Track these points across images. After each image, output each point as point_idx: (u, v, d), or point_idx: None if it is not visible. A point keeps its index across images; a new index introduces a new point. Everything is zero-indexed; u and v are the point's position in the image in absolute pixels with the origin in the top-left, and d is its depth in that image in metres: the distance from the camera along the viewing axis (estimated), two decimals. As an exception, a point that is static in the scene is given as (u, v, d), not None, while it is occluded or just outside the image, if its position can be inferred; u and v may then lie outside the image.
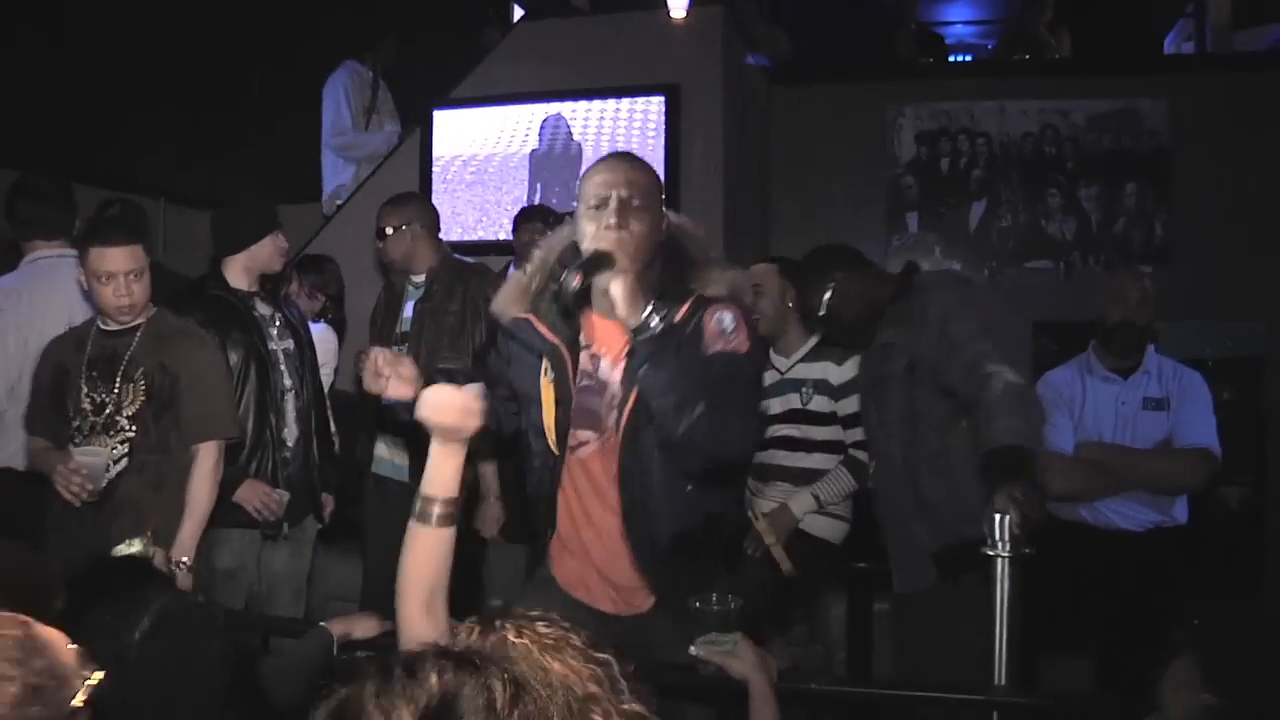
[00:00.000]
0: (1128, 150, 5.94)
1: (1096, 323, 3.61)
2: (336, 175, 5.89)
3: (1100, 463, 3.41)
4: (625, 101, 4.99)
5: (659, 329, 2.13)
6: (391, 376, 2.27)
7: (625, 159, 2.40)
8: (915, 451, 2.87)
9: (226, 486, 3.36)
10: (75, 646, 1.39)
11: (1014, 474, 2.39)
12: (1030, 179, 6.06)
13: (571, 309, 2.29)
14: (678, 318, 2.21)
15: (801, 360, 3.60)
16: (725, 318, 2.22)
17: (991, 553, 2.28)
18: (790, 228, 6.08)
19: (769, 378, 3.67)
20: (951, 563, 2.71)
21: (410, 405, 2.39)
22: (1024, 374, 2.68)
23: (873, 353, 3.08)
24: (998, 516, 2.27)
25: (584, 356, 2.37)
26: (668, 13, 4.87)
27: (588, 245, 2.23)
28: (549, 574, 2.50)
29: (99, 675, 1.36)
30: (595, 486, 2.37)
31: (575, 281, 2.10)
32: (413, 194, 4.08)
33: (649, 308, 2.15)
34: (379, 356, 2.30)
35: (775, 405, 3.62)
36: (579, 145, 5.09)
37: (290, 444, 3.66)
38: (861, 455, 3.45)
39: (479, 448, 3.06)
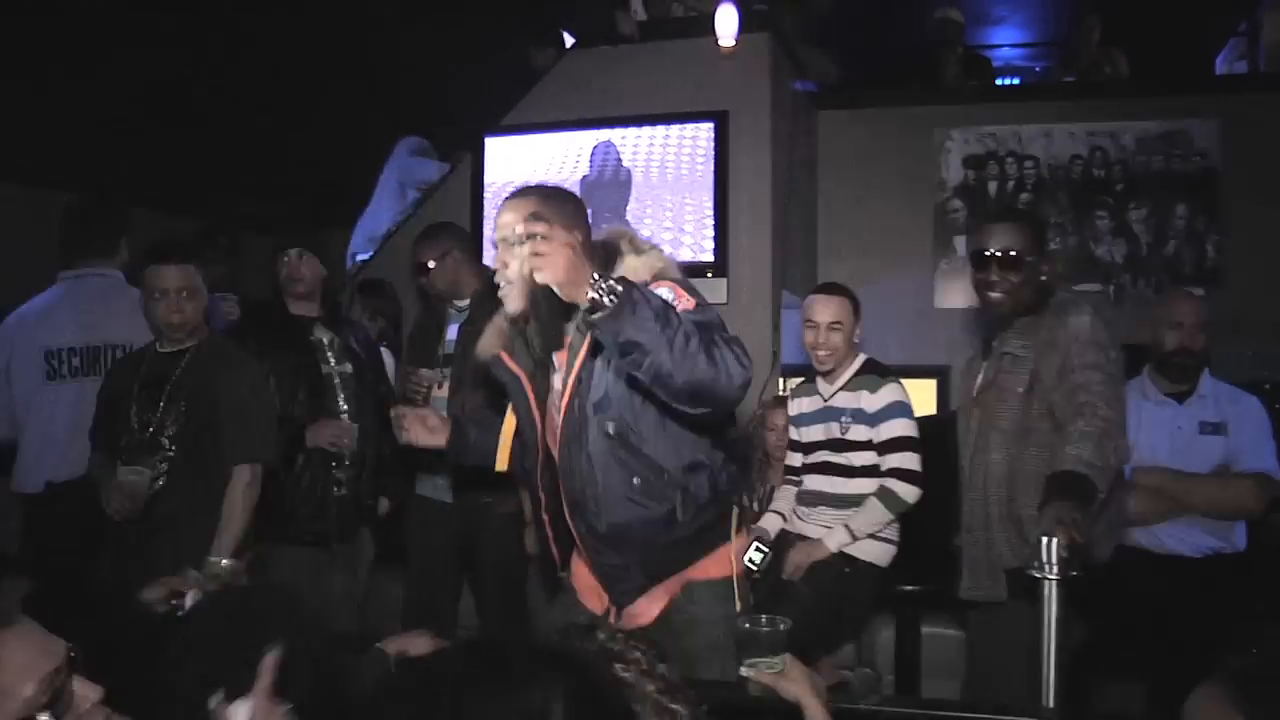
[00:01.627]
0: (1178, 172, 5.91)
1: (1150, 346, 3.60)
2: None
3: (1157, 487, 3.40)
4: (675, 128, 5.04)
5: (609, 296, 1.99)
6: (416, 428, 2.56)
7: (524, 191, 2.42)
8: (1017, 466, 2.86)
9: (281, 495, 3.46)
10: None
11: (1067, 498, 2.40)
12: (1079, 202, 6.03)
13: (532, 337, 2.47)
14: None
15: (842, 389, 3.64)
16: (661, 293, 2.17)
17: (1039, 574, 2.29)
18: (838, 252, 6.11)
19: (813, 405, 3.72)
20: (1025, 581, 2.70)
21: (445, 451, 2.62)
22: (1119, 412, 2.69)
23: (988, 358, 3.07)
24: (1045, 538, 2.28)
25: (556, 378, 2.47)
26: (717, 40, 4.93)
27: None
28: (570, 583, 2.63)
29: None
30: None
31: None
32: (446, 223, 4.12)
33: (592, 283, 2.00)
34: (404, 414, 2.54)
35: (819, 432, 3.67)
36: (628, 171, 5.15)
37: (345, 463, 3.75)
38: (895, 484, 3.48)
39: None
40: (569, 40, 5.83)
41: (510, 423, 2.56)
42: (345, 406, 3.78)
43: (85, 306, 3.74)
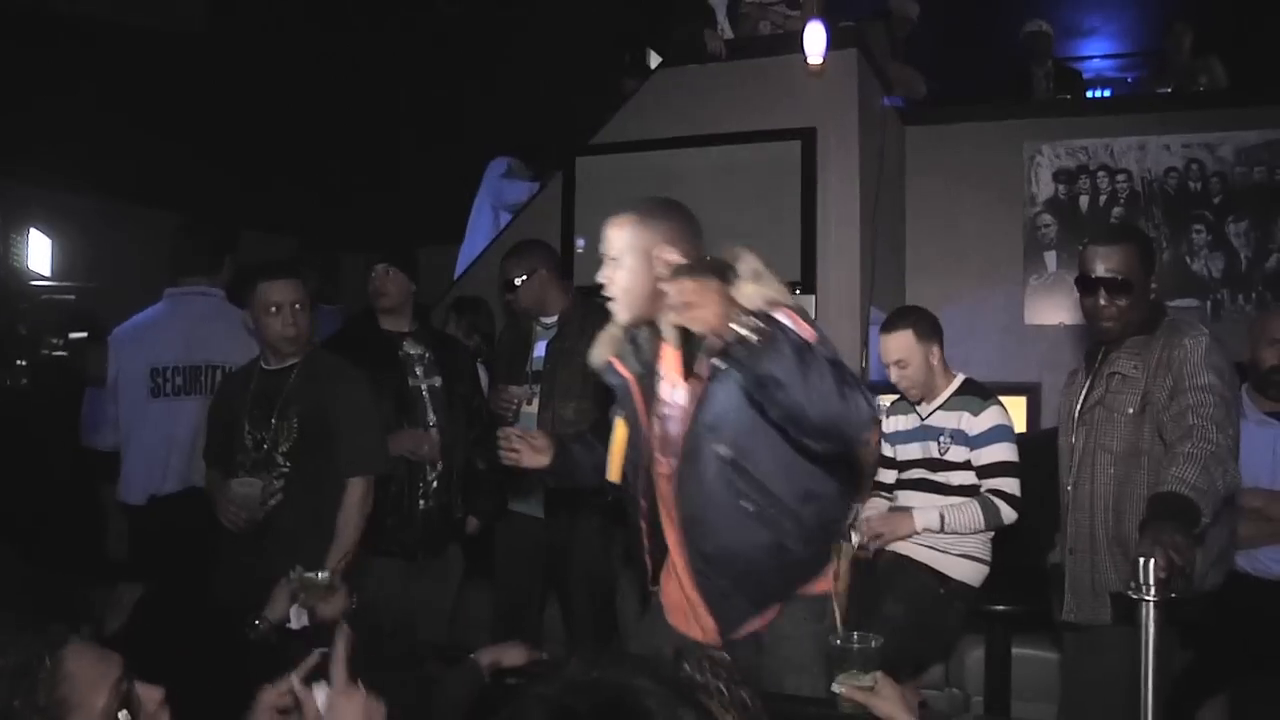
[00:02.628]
0: (1280, 184, 5.76)
1: (1248, 364, 3.53)
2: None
3: (1258, 509, 3.32)
4: (762, 146, 5.06)
5: (745, 332, 2.06)
6: (524, 449, 2.57)
7: (635, 210, 2.51)
8: (1126, 488, 2.82)
9: (374, 508, 3.50)
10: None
11: (1168, 519, 2.37)
12: (1174, 216, 5.91)
13: (642, 341, 2.54)
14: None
15: (940, 408, 3.61)
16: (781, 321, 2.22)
17: (1135, 596, 2.26)
18: (927, 269, 6.07)
19: (909, 423, 3.70)
20: (1130, 605, 2.66)
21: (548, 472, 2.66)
22: (1231, 437, 2.63)
23: (1092, 376, 3.03)
24: (1142, 560, 2.25)
25: (664, 386, 2.51)
26: (804, 58, 4.94)
27: None
28: (658, 600, 2.65)
29: None
30: (668, 509, 2.51)
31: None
32: (533, 241, 4.17)
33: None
34: (511, 435, 2.58)
35: (915, 450, 3.65)
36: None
37: (432, 477, 3.82)
38: (999, 501, 3.44)
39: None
40: (656, 59, 5.90)
41: (621, 431, 2.59)
42: (433, 419, 3.85)
43: (189, 326, 3.86)
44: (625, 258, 2.42)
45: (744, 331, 2.04)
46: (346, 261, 6.41)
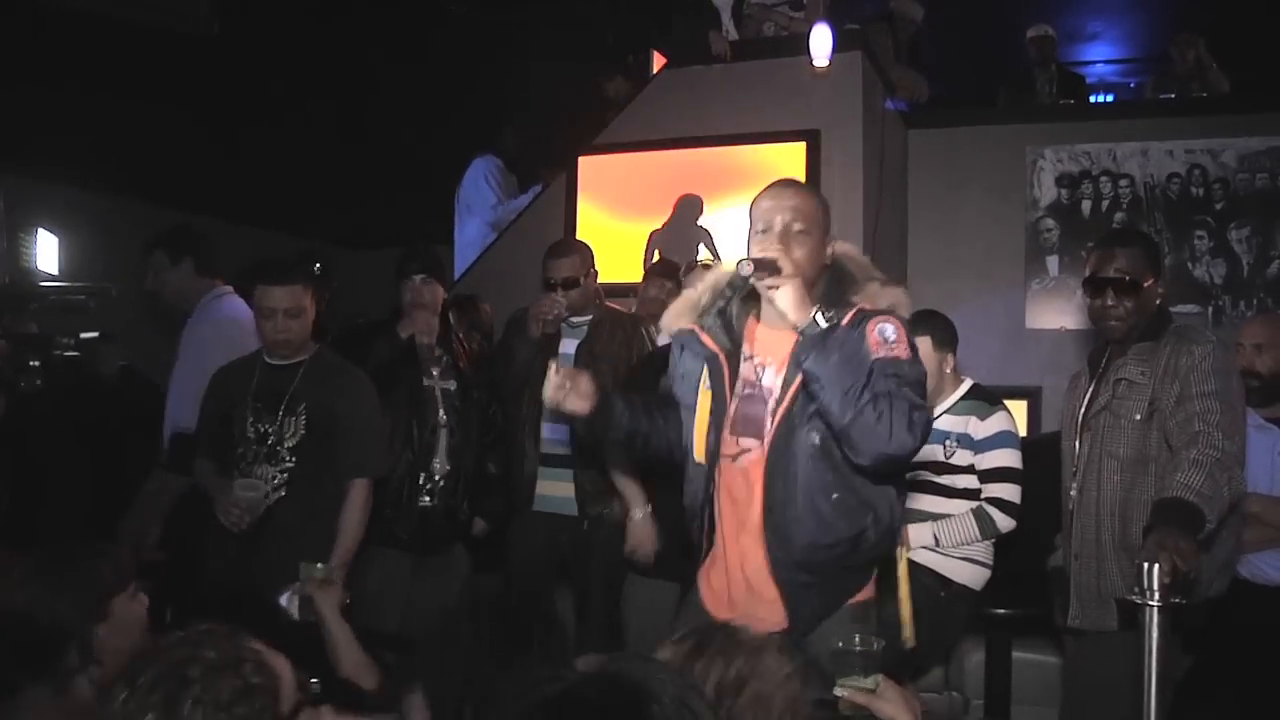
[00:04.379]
0: (1284, 190, 5.76)
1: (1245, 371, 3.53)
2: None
3: (1257, 514, 3.32)
4: (766, 148, 5.07)
5: (823, 327, 2.23)
6: (571, 391, 2.45)
7: (790, 185, 2.53)
8: (1133, 494, 2.82)
9: (376, 505, 3.51)
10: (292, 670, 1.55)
11: (1173, 525, 2.38)
12: (1176, 221, 5.91)
13: (733, 317, 2.50)
14: (842, 322, 2.31)
15: (948, 411, 3.62)
16: (887, 328, 2.31)
17: (1139, 601, 2.26)
18: (929, 272, 6.06)
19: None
20: (1135, 611, 2.67)
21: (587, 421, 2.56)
22: (1238, 445, 2.65)
23: (1096, 381, 3.03)
24: (1146, 564, 2.26)
25: (747, 366, 2.48)
26: (809, 60, 4.95)
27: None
28: (698, 597, 2.58)
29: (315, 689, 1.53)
30: (753, 494, 2.44)
31: (747, 269, 2.24)
32: (580, 241, 4.17)
33: (815, 309, 2.26)
34: (562, 370, 2.48)
35: (920, 453, 3.65)
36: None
37: (438, 476, 3.82)
38: (993, 510, 3.46)
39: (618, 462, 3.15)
40: (660, 60, 5.90)
41: (706, 404, 2.50)
42: (445, 419, 3.85)
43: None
44: (813, 230, 2.39)
45: (810, 320, 2.22)
46: (346, 258, 6.45)
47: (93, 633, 1.98)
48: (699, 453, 2.52)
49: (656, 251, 5.30)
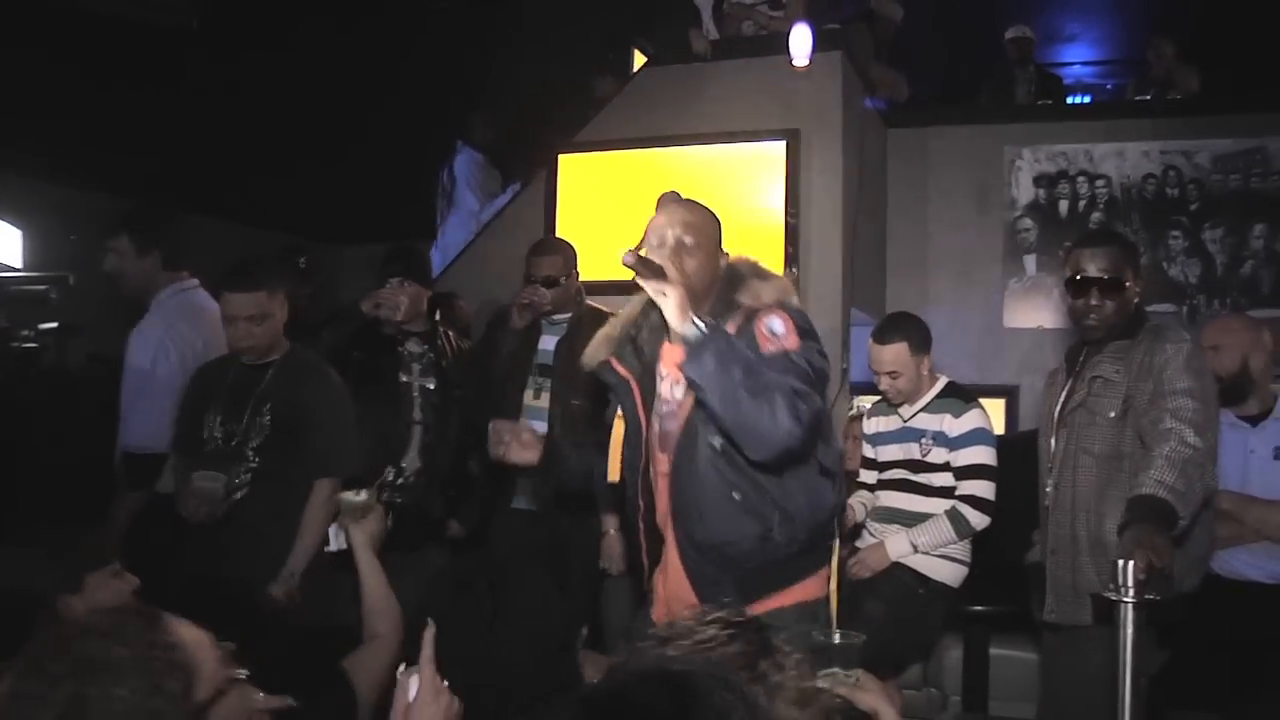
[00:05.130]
0: (1256, 191, 5.81)
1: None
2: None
3: (1229, 511, 3.35)
4: (746, 147, 5.07)
5: (701, 333, 2.23)
6: (513, 444, 2.58)
7: (682, 202, 2.62)
8: (1108, 491, 2.85)
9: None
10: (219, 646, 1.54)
11: (1147, 522, 2.39)
12: (1152, 221, 5.96)
13: (644, 342, 2.57)
14: (730, 325, 2.38)
15: (923, 410, 3.65)
16: (774, 322, 2.37)
17: (1114, 597, 2.28)
18: (907, 270, 6.10)
19: (890, 424, 3.73)
20: (1109, 606, 2.70)
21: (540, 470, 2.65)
22: (1210, 442, 2.68)
23: (1073, 378, 3.05)
24: (1121, 561, 2.28)
25: (664, 385, 2.55)
26: (789, 59, 4.95)
27: None
28: (648, 602, 2.67)
29: (243, 674, 1.52)
30: (664, 504, 2.54)
31: (629, 259, 2.27)
32: (563, 240, 4.18)
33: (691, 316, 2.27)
34: (501, 427, 2.59)
35: (896, 452, 3.70)
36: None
37: (409, 473, 3.82)
38: (967, 509, 3.50)
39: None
40: (641, 59, 5.89)
41: (619, 430, 2.62)
42: (419, 416, 3.85)
43: None
44: (703, 243, 2.45)
45: (687, 331, 2.22)
46: (330, 253, 6.42)
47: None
48: (613, 474, 2.63)
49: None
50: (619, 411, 2.63)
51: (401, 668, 1.67)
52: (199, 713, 1.47)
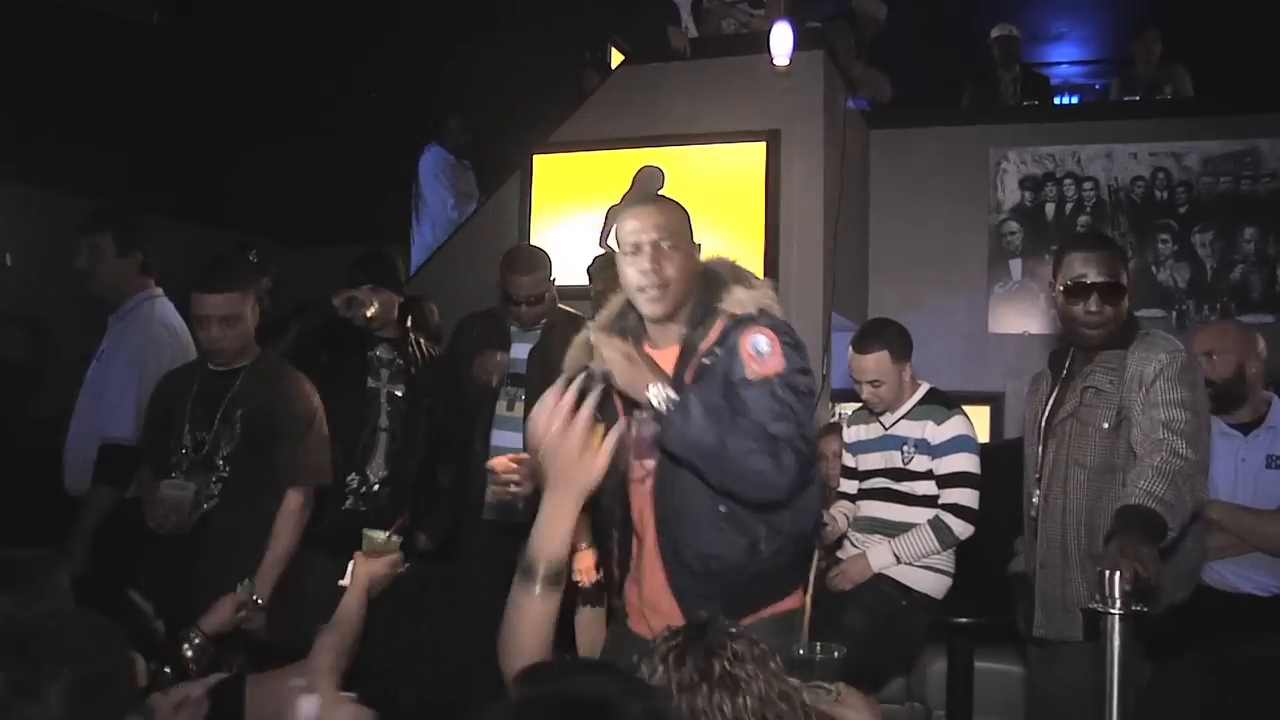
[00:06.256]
0: (1246, 194, 5.75)
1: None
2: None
3: (1218, 521, 3.27)
4: (726, 147, 4.99)
5: (664, 410, 2.20)
6: (525, 482, 2.43)
7: (652, 202, 2.53)
8: (1099, 503, 2.78)
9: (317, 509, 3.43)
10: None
11: (1134, 533, 2.33)
12: (1140, 224, 5.89)
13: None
14: (707, 342, 2.33)
15: (905, 417, 3.59)
16: (760, 341, 2.31)
17: (1100, 609, 2.21)
18: (890, 274, 6.03)
19: (872, 432, 3.67)
20: (1100, 620, 2.62)
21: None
22: (1201, 454, 2.63)
23: (1061, 386, 2.98)
24: (1107, 572, 2.20)
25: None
26: (769, 58, 4.87)
27: (631, 293, 2.38)
28: (622, 609, 2.62)
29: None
30: (643, 513, 2.48)
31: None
32: (540, 253, 4.12)
33: (652, 389, 2.22)
34: (499, 465, 2.46)
35: (878, 460, 3.65)
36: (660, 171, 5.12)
37: (374, 480, 3.75)
38: (950, 518, 3.45)
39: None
40: (618, 57, 5.81)
41: (597, 436, 2.52)
42: (385, 424, 3.79)
43: None
44: (680, 243, 2.37)
45: (655, 403, 2.19)
46: (295, 256, 6.31)
47: None
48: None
49: (613, 231, 5.21)
50: (600, 418, 2.52)
51: (300, 682, 1.56)
52: None
